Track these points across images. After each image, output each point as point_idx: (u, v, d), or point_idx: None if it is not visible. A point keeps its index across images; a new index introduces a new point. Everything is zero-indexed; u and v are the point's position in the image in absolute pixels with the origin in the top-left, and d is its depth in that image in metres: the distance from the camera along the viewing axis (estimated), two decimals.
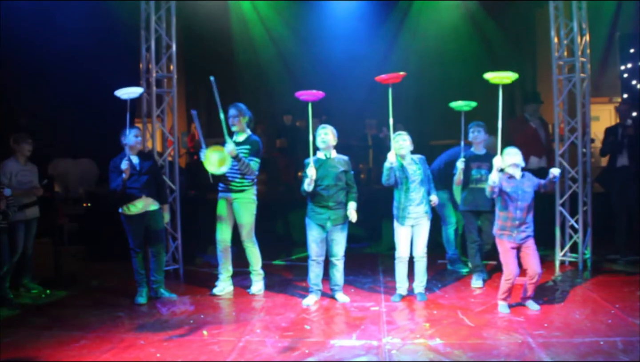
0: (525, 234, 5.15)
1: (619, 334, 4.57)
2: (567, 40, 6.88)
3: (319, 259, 5.68)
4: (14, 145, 6.13)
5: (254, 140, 5.94)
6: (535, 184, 5.17)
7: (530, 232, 5.17)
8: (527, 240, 5.16)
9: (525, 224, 5.13)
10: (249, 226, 5.98)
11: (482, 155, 6.14)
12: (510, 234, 5.16)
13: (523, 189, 5.11)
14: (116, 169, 5.62)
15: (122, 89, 5.55)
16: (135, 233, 5.79)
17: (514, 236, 5.15)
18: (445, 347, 4.44)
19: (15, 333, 4.95)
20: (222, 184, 5.99)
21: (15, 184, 6.04)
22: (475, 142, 6.17)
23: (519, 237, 5.14)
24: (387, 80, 5.40)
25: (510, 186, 5.12)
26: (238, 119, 5.92)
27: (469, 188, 6.15)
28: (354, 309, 5.51)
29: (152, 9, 6.91)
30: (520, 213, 5.10)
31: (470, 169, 6.11)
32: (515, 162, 5.13)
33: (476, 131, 6.13)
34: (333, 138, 5.64)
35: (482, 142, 6.16)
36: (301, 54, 11.62)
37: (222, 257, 6.07)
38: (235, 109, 5.94)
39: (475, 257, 6.20)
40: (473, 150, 6.20)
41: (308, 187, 5.47)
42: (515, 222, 5.12)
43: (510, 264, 5.19)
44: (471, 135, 6.15)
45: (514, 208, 5.11)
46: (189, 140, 12.15)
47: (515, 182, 5.13)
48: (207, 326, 5.07)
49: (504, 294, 5.27)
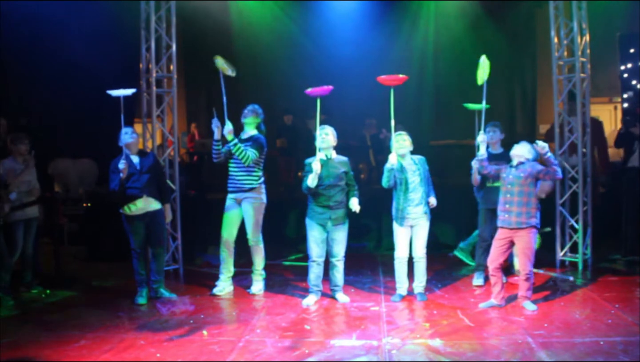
0: (517, 219, 5.20)
1: (619, 334, 4.58)
2: (567, 40, 6.88)
3: (319, 260, 5.68)
4: (11, 146, 6.13)
5: (257, 138, 5.95)
6: (535, 170, 5.22)
7: (524, 220, 5.20)
8: (520, 228, 5.20)
9: (516, 207, 5.21)
10: (257, 225, 5.96)
11: (499, 154, 6.13)
12: (502, 218, 5.28)
13: (516, 173, 5.25)
14: (116, 170, 5.62)
15: (115, 90, 5.59)
16: (136, 233, 5.78)
17: (505, 219, 5.26)
18: (445, 347, 4.45)
19: (15, 333, 4.95)
20: (232, 184, 6.00)
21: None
22: (491, 141, 6.16)
23: (509, 221, 5.23)
24: (388, 82, 5.41)
25: (504, 169, 5.33)
26: (251, 114, 5.96)
27: (486, 187, 6.17)
28: (354, 309, 5.51)
29: (152, 9, 6.91)
30: (510, 196, 5.24)
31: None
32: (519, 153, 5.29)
33: (492, 131, 6.14)
34: (333, 139, 5.65)
35: (498, 141, 6.19)
36: (301, 53, 11.61)
37: (225, 257, 6.06)
38: (252, 106, 6.04)
39: (482, 256, 6.21)
40: (490, 150, 6.19)
41: (312, 183, 5.46)
42: (505, 205, 5.27)
43: (492, 254, 5.36)
44: (487, 136, 6.15)
45: (505, 191, 5.29)
46: (189, 141, 12.17)
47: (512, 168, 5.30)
48: (207, 326, 5.07)
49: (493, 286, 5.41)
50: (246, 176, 5.90)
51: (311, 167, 5.45)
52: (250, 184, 5.91)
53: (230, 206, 6.01)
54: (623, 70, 8.38)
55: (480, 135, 5.58)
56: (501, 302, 5.37)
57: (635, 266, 6.71)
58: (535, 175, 5.21)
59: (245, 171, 5.89)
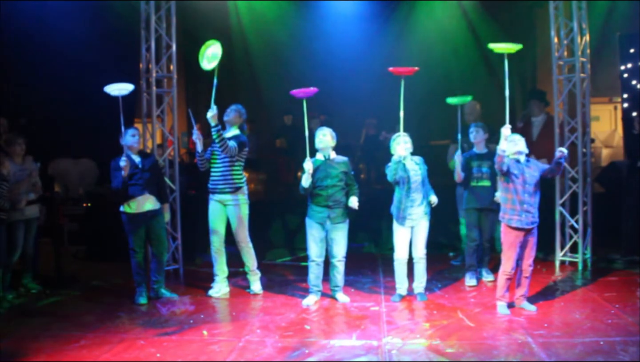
0: (533, 219, 5.15)
1: (619, 334, 4.58)
2: (567, 40, 6.88)
3: (318, 260, 5.69)
4: (6, 149, 6.12)
5: (239, 135, 5.95)
6: (541, 169, 5.20)
7: (536, 218, 5.18)
8: (534, 226, 5.17)
9: (533, 207, 5.14)
10: (243, 227, 5.98)
11: (483, 154, 6.19)
12: (519, 218, 5.13)
13: (530, 171, 5.15)
14: (118, 167, 5.63)
15: (112, 85, 5.57)
16: (136, 233, 5.78)
17: (523, 220, 5.12)
18: (445, 347, 4.45)
19: (15, 333, 4.95)
20: (213, 184, 5.98)
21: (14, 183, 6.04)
22: (475, 141, 6.21)
23: (527, 221, 5.12)
24: (399, 72, 5.43)
25: (517, 167, 5.16)
26: (234, 114, 5.99)
27: (470, 186, 6.20)
28: (354, 309, 5.51)
29: (152, 9, 6.91)
30: (528, 196, 5.12)
31: (471, 168, 6.16)
32: (518, 150, 5.19)
33: (475, 131, 6.19)
34: (331, 139, 5.67)
35: (482, 141, 6.20)
36: (301, 53, 11.58)
37: (216, 259, 6.07)
38: (236, 106, 6.06)
39: (472, 256, 6.24)
40: (474, 149, 6.24)
41: (306, 183, 5.49)
42: (523, 205, 5.11)
43: (511, 259, 5.17)
44: (471, 136, 6.21)
45: (522, 190, 5.12)
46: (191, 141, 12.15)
47: (521, 165, 5.17)
48: (207, 326, 5.07)
49: (502, 290, 5.25)
50: (229, 177, 5.89)
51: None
52: (233, 185, 5.89)
53: (215, 208, 6.00)
54: (623, 70, 8.35)
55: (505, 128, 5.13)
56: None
57: (635, 266, 6.71)
58: (543, 175, 5.20)
59: (228, 172, 5.88)
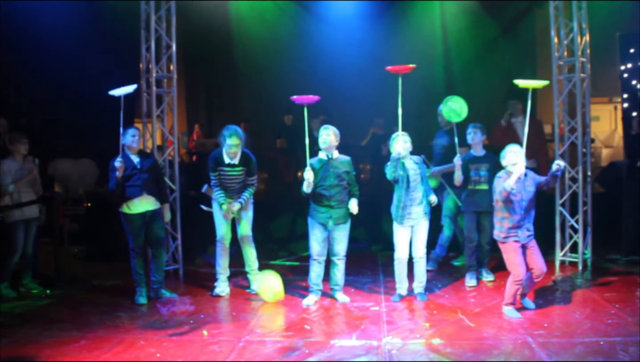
0: (529, 233, 5.11)
1: (619, 334, 4.58)
2: (567, 40, 6.88)
3: (320, 258, 5.69)
4: (9, 146, 6.13)
5: (249, 160, 5.91)
6: (536, 182, 5.10)
7: (533, 231, 5.14)
8: (531, 239, 5.13)
9: (529, 223, 5.10)
10: (248, 226, 6.04)
11: (481, 156, 6.17)
12: (516, 235, 5.07)
13: (525, 187, 5.04)
14: (114, 168, 5.62)
15: (117, 89, 5.60)
16: (135, 233, 5.78)
17: (520, 236, 5.07)
18: (445, 347, 4.45)
19: (15, 333, 4.95)
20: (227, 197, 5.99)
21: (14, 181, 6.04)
22: (473, 143, 6.19)
23: (524, 236, 5.07)
24: (397, 71, 5.45)
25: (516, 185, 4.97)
26: (236, 136, 5.76)
27: (468, 189, 6.19)
28: (354, 309, 5.51)
29: (152, 9, 6.91)
30: (523, 212, 5.04)
31: (469, 171, 6.15)
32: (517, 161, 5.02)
33: (473, 132, 6.16)
34: (335, 139, 5.66)
35: (479, 143, 6.18)
36: (301, 53, 11.60)
37: (221, 257, 6.08)
38: (237, 137, 5.74)
39: (472, 257, 6.23)
40: (472, 151, 6.22)
41: (307, 190, 5.51)
42: (520, 222, 5.04)
43: (519, 264, 5.05)
44: (469, 137, 6.18)
45: (519, 208, 5.02)
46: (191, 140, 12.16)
47: (520, 181, 5.01)
48: (207, 326, 5.07)
49: (511, 298, 5.18)
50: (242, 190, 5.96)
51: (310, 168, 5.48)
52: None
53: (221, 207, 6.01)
54: (623, 70, 8.35)
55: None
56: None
57: (635, 266, 6.71)
58: (538, 187, 5.11)
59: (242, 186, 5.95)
